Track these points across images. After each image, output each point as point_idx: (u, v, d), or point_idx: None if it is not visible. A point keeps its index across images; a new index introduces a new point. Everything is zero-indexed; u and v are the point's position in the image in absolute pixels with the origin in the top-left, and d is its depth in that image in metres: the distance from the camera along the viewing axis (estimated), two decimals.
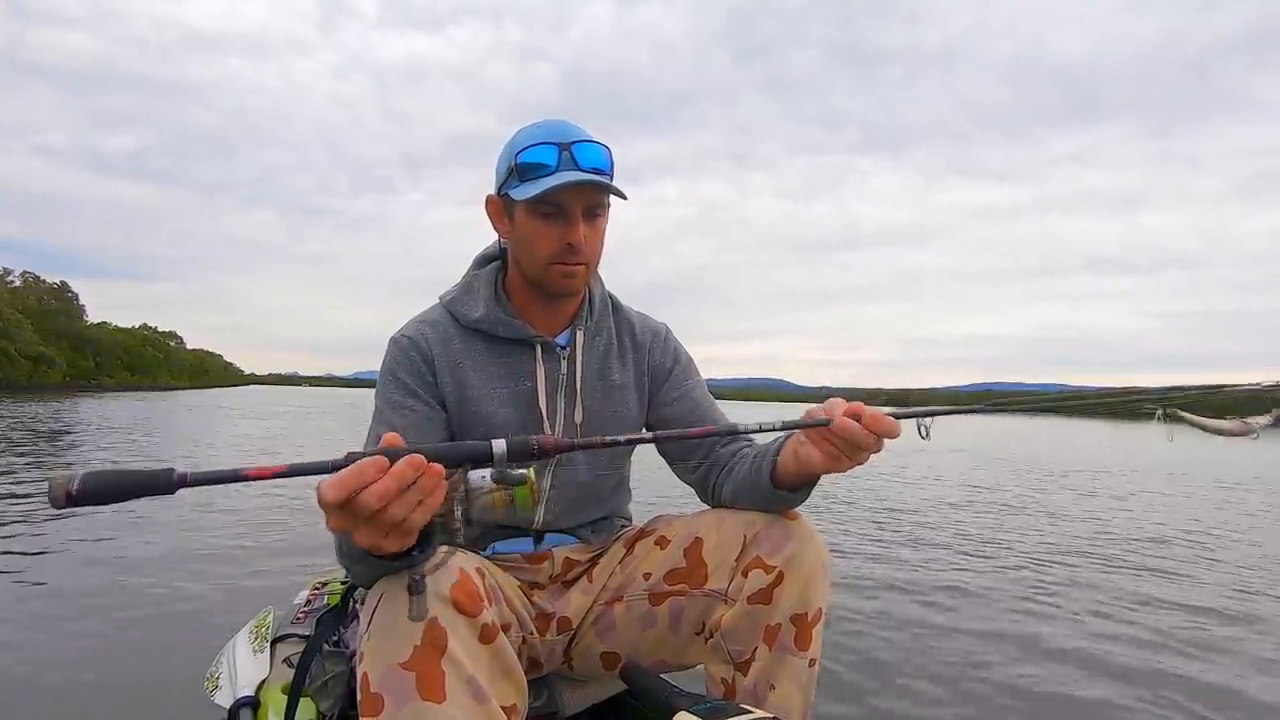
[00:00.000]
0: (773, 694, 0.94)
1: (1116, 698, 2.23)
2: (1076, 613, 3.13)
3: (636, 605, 1.03)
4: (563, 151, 0.96)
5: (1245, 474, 10.29)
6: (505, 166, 1.01)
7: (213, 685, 1.19)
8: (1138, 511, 6.50)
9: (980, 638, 2.74)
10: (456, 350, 1.06)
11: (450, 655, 0.74)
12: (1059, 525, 5.54)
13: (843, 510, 5.65)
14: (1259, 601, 3.47)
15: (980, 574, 3.81)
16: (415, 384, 1.02)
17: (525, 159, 0.97)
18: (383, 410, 1.01)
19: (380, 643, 0.75)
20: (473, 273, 1.13)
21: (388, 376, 1.04)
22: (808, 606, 0.94)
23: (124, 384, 69.06)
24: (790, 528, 0.97)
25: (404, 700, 0.72)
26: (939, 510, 6.02)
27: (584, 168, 0.96)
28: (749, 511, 1.01)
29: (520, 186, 0.98)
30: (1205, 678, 2.41)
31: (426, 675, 0.73)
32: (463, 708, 0.74)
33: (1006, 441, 17.79)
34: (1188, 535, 5.29)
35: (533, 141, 0.98)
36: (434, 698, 0.73)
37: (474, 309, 1.07)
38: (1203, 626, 3.01)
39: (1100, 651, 2.64)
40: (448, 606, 0.76)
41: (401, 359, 1.04)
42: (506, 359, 1.07)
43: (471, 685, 0.75)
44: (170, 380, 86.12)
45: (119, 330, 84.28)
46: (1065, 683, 2.34)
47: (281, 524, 4.50)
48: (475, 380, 1.05)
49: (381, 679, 0.73)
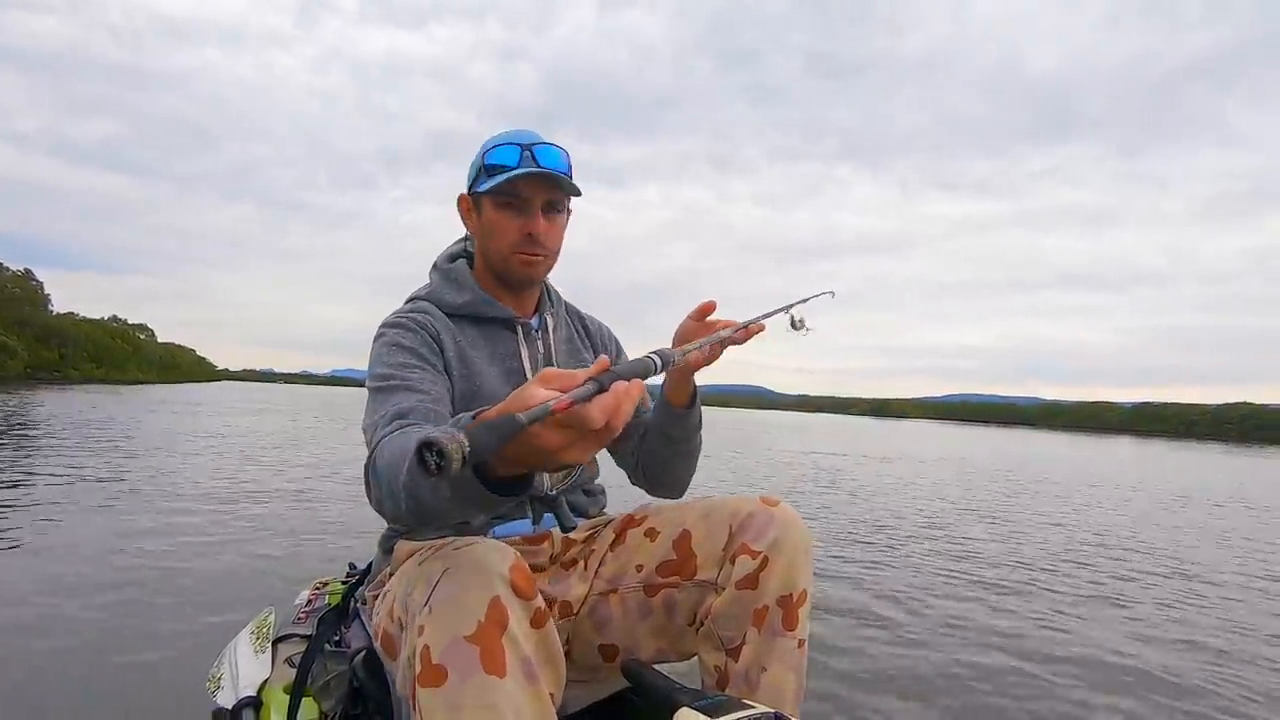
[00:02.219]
0: (765, 676, 0.97)
1: (1101, 690, 2.33)
2: (1039, 611, 3.24)
3: (631, 598, 1.06)
4: (524, 151, 1.07)
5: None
6: (475, 167, 1.12)
7: (214, 686, 1.19)
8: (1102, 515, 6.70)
9: (957, 627, 2.84)
10: (453, 330, 1.12)
11: (510, 634, 0.76)
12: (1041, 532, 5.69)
13: (830, 513, 5.75)
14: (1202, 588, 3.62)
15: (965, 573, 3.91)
16: (425, 351, 1.06)
17: (491, 159, 1.08)
18: (393, 375, 1.00)
19: (445, 616, 0.76)
20: (445, 267, 1.20)
21: (391, 348, 1.04)
22: (793, 588, 0.98)
23: (89, 377, 67.07)
24: (774, 514, 1.01)
25: (468, 672, 0.74)
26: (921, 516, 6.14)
27: (543, 165, 1.06)
28: (733, 501, 1.05)
29: (486, 181, 1.08)
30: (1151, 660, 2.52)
31: (490, 650, 0.75)
32: (519, 684, 0.76)
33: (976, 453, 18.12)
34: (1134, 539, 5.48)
35: (498, 143, 1.09)
36: (496, 672, 0.74)
37: (458, 295, 1.15)
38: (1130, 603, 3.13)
39: (1065, 641, 2.75)
40: (507, 587, 0.78)
41: (404, 333, 1.07)
42: (493, 339, 1.15)
43: (526, 665, 0.77)
44: (139, 374, 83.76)
45: (86, 322, 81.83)
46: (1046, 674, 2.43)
47: (280, 521, 4.45)
48: (475, 357, 1.11)
49: (445, 651, 0.75)
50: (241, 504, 5.07)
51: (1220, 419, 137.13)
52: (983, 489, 9.10)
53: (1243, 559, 5.24)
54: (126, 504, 4.93)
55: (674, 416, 1.13)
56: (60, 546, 3.64)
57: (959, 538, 5.34)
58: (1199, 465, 16.38)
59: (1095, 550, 5.18)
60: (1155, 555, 5.12)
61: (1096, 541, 5.55)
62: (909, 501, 7.35)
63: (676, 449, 1.17)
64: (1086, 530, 6.13)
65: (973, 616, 3.16)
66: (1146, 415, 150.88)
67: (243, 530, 4.21)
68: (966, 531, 5.65)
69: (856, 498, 7.38)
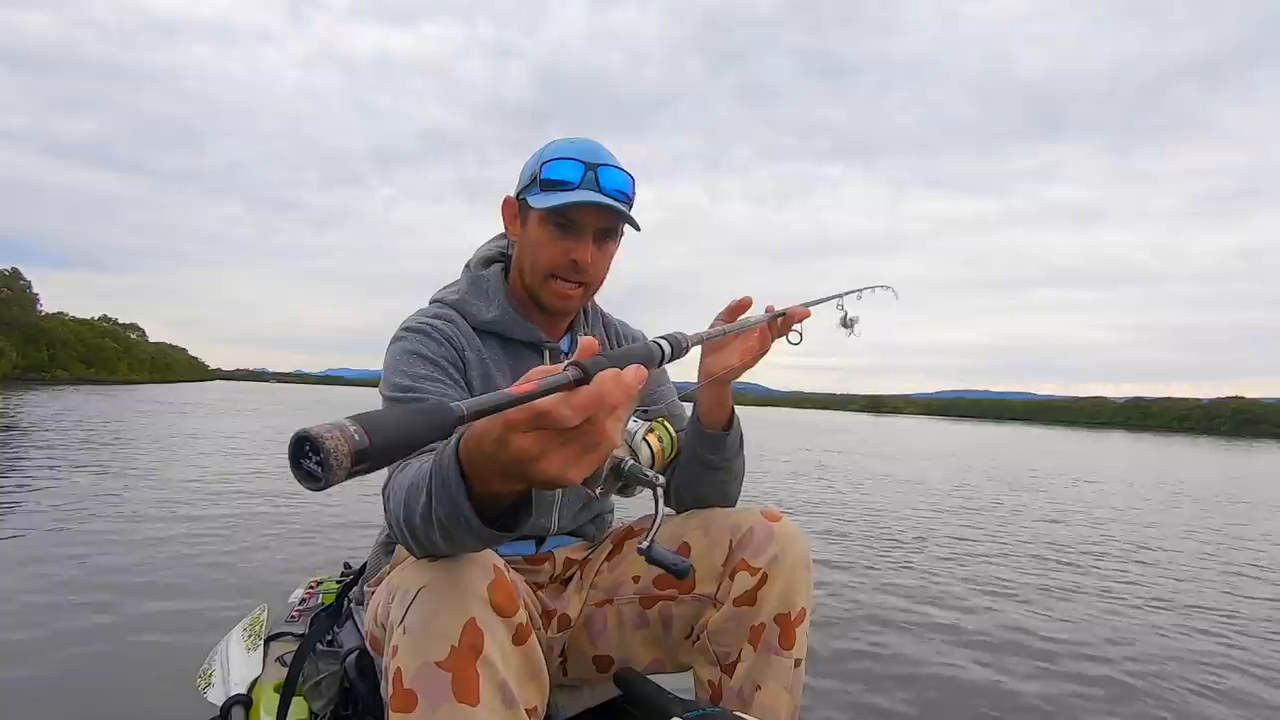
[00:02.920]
0: (759, 694, 0.95)
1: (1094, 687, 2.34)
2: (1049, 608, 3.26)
3: (627, 609, 1.05)
4: (588, 170, 0.97)
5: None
6: (529, 173, 1.01)
7: (205, 682, 1.19)
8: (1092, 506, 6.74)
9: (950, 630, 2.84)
10: (477, 346, 1.05)
11: (485, 658, 0.73)
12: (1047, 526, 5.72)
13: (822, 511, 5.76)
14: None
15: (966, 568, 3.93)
16: (445, 363, 0.99)
17: (550, 171, 0.98)
18: (413, 387, 0.94)
19: (417, 640, 0.73)
20: (477, 272, 1.11)
21: (409, 356, 0.98)
22: (791, 606, 0.96)
23: (79, 377, 66.51)
24: (774, 529, 0.98)
25: (438, 700, 0.71)
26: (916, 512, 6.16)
27: (606, 190, 0.97)
28: (734, 514, 1.03)
29: (540, 195, 0.99)
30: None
31: (462, 676, 0.72)
32: (493, 712, 0.73)
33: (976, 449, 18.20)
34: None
35: (561, 155, 0.99)
36: (468, 700, 0.71)
37: (486, 310, 1.07)
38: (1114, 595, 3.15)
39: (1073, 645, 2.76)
40: (485, 607, 0.74)
41: (426, 341, 1.00)
42: (517, 361, 1.08)
43: (503, 690, 0.74)
44: (129, 374, 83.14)
45: (75, 321, 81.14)
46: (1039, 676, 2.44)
47: (276, 519, 4.42)
48: (498, 378, 1.04)
49: (416, 677, 0.72)
50: (238, 500, 5.04)
51: (1213, 413, 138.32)
52: (1020, 493, 9.11)
53: (1253, 553, 5.27)
54: (121, 501, 4.90)
55: (709, 440, 1.03)
56: (52, 542, 3.62)
57: (972, 538, 5.35)
58: (1209, 461, 16.41)
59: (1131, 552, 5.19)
60: (1190, 556, 5.13)
61: (1138, 542, 5.56)
62: (926, 500, 7.36)
63: (714, 475, 1.06)
64: (1128, 531, 6.14)
65: (978, 625, 3.12)
66: (1139, 410, 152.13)
67: (237, 526, 4.19)
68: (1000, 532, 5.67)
69: (864, 495, 7.40)
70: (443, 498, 0.62)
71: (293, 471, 0.39)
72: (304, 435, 0.38)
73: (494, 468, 0.57)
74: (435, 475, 0.63)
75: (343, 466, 0.38)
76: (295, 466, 0.38)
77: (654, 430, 0.86)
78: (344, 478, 0.38)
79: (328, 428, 0.38)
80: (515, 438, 0.52)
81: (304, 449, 0.38)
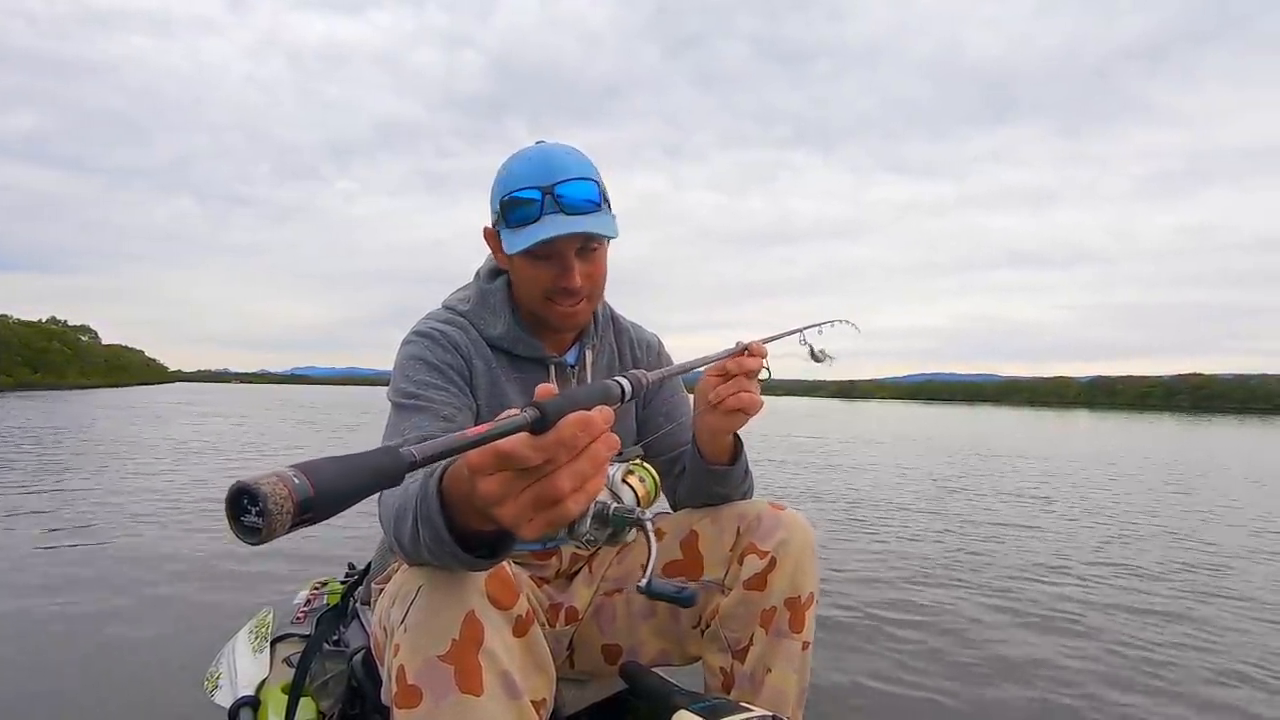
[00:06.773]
0: (769, 677, 0.97)
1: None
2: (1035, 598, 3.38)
3: (636, 598, 1.06)
4: (545, 196, 0.93)
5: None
6: (494, 197, 1.00)
7: (213, 685, 1.19)
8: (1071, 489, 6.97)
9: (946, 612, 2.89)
10: (486, 356, 1.06)
11: (486, 649, 0.74)
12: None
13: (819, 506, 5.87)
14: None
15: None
16: (452, 371, 0.99)
17: (510, 209, 0.96)
18: (418, 395, 0.94)
19: (418, 636, 0.74)
20: (485, 285, 1.11)
21: (418, 363, 0.98)
22: (800, 590, 0.98)
23: (24, 382, 63.48)
24: (780, 516, 1.01)
25: (443, 693, 0.72)
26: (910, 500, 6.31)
27: (570, 208, 0.94)
28: (741, 504, 1.06)
29: (508, 232, 0.97)
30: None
31: (465, 668, 0.73)
32: (498, 701, 0.74)
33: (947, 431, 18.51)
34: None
35: (517, 185, 0.95)
36: (473, 691, 0.73)
37: (494, 325, 1.07)
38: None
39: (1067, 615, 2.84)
40: (483, 599, 0.76)
41: (435, 348, 1.00)
42: (524, 374, 1.08)
43: (506, 680, 0.75)
44: (80, 379, 79.75)
45: (21, 324, 77.51)
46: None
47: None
48: (506, 388, 1.06)
49: (419, 672, 0.73)
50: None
51: (1172, 390, 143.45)
52: (1027, 479, 9.30)
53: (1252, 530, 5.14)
54: (134, 501, 4.82)
55: (713, 474, 1.04)
56: (51, 543, 3.58)
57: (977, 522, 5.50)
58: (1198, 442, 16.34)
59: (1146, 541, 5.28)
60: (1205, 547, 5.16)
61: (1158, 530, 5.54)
62: (909, 484, 7.47)
63: (720, 499, 1.07)
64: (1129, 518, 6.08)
65: (959, 608, 3.07)
66: (1104, 390, 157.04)
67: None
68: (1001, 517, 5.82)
69: (844, 478, 7.55)
70: (427, 527, 0.64)
71: (231, 527, 0.35)
72: (242, 487, 0.34)
73: (468, 507, 0.58)
74: (420, 504, 0.64)
75: (285, 515, 0.34)
76: (234, 522, 0.35)
77: (633, 472, 0.82)
78: (286, 529, 0.35)
79: (268, 477, 0.35)
80: (479, 480, 0.51)
81: (242, 503, 0.34)
